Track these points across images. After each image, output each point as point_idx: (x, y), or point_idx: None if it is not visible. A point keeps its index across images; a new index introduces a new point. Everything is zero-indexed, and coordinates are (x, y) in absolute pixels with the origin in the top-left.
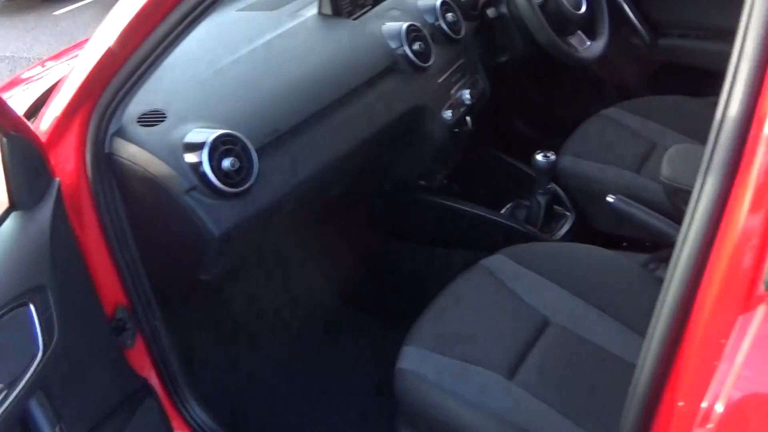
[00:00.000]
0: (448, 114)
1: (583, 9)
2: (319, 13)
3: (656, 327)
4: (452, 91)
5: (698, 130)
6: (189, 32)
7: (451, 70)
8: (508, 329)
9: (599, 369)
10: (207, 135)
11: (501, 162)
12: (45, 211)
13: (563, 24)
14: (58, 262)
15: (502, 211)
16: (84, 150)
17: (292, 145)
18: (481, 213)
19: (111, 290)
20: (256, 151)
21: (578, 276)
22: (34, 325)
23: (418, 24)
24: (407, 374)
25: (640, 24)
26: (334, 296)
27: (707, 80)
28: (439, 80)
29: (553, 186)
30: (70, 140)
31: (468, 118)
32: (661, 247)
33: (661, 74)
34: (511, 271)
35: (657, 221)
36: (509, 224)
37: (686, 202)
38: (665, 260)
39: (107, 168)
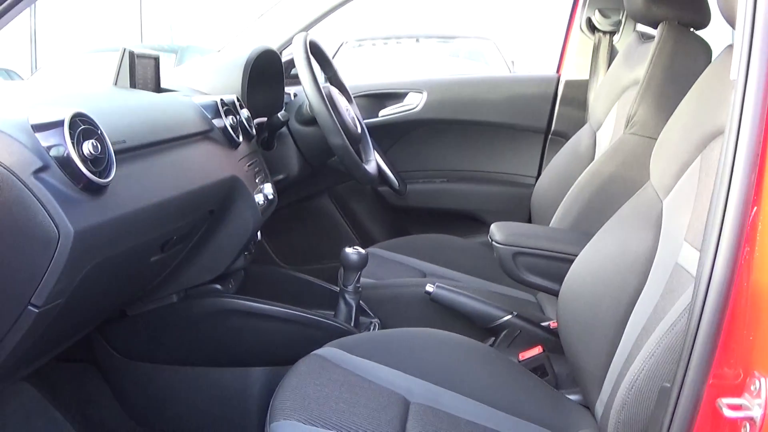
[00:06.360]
0: (259, 198)
1: (359, 130)
2: (115, 84)
3: None
4: (257, 181)
5: (454, 261)
6: None
7: (253, 161)
8: (373, 405)
9: None
10: (63, 112)
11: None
12: None
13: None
14: None
15: None
16: None
17: (133, 164)
18: (298, 312)
19: None
20: None
21: (416, 358)
22: None
23: (227, 100)
24: None
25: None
26: None
27: (448, 220)
28: (247, 165)
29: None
30: None
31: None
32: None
33: (410, 216)
34: (346, 359)
35: (480, 303)
36: (332, 323)
37: (526, 263)
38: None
39: None
